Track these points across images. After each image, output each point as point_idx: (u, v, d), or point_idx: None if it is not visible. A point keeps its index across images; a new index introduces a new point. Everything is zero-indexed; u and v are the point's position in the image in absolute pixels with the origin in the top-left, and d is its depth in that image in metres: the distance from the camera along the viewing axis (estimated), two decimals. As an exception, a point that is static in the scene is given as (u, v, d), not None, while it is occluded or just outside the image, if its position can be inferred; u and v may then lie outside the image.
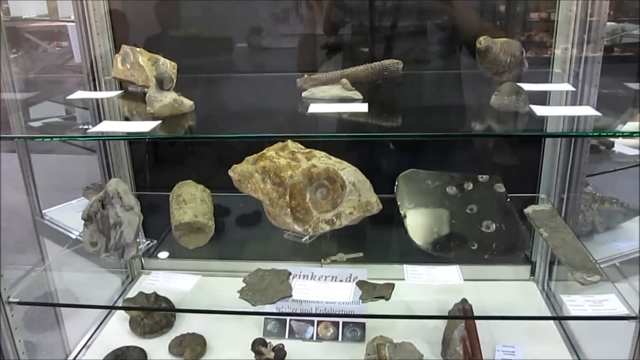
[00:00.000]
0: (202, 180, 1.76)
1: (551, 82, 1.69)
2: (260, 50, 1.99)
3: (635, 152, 2.11)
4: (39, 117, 1.99)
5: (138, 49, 1.60)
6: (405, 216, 1.58)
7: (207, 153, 1.99)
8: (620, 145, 2.04)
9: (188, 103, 1.38)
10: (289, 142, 1.58)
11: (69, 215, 2.37)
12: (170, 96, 1.35)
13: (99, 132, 1.28)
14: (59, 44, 5.25)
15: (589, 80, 1.65)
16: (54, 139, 1.28)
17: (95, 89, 1.76)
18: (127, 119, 1.51)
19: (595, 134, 1.32)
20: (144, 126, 1.27)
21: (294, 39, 2.01)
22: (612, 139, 2.00)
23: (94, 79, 1.80)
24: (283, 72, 1.88)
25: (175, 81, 1.48)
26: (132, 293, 1.88)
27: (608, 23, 1.80)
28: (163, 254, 1.75)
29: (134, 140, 1.90)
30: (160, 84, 1.34)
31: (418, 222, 1.56)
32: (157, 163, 2.09)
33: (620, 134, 1.43)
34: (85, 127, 1.43)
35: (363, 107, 1.35)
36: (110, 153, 1.91)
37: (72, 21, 1.90)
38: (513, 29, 2.12)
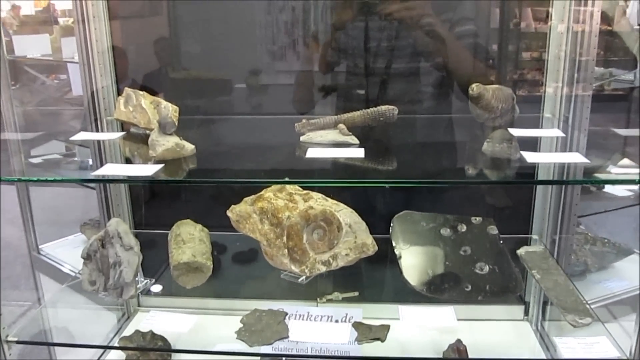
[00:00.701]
0: (200, 217, 1.79)
1: (542, 127, 1.74)
2: (259, 90, 2.04)
3: (626, 192, 2.16)
4: (39, 154, 2.03)
5: (141, 92, 1.64)
6: (400, 257, 1.61)
7: (206, 190, 2.02)
8: (616, 169, 2.07)
9: (189, 147, 1.41)
10: (287, 185, 1.62)
11: (65, 251, 2.39)
12: (172, 140, 1.38)
13: (103, 175, 1.31)
14: (57, 76, 5.33)
15: (578, 125, 1.70)
16: (57, 180, 1.30)
17: (97, 130, 1.80)
18: (128, 159, 1.55)
19: (583, 181, 1.36)
20: (147, 170, 1.30)
21: (290, 76, 2.06)
22: (606, 165, 2.03)
23: (95, 119, 1.84)
24: (281, 114, 1.93)
25: (176, 124, 1.53)
26: (128, 331, 1.88)
27: (596, 68, 1.87)
28: (157, 287, 1.76)
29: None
30: (163, 129, 1.37)
31: (413, 263, 1.58)
32: (156, 200, 2.12)
33: (609, 182, 1.47)
34: (88, 165, 1.46)
35: (359, 152, 1.39)
36: (110, 190, 1.94)
37: (76, 62, 1.96)
38: (505, 67, 2.19)
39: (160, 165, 1.33)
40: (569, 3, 1.71)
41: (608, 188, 2.14)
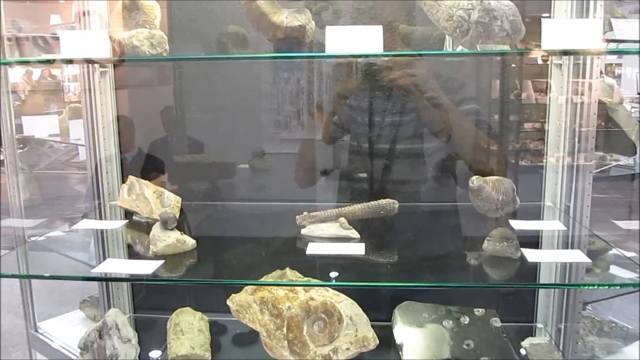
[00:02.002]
0: (201, 299, 1.77)
1: (542, 218, 1.74)
2: (262, 172, 2.06)
3: (632, 274, 2.13)
4: (41, 231, 2.03)
5: (144, 182, 1.66)
6: (401, 349, 1.58)
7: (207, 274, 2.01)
8: (617, 268, 2.06)
9: (190, 242, 1.42)
10: (287, 271, 1.61)
11: (64, 329, 2.35)
12: (173, 236, 1.39)
13: (103, 273, 1.31)
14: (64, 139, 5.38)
15: (580, 216, 1.70)
16: (57, 277, 1.30)
17: (100, 216, 1.81)
18: (130, 248, 1.55)
19: (584, 285, 1.35)
20: (147, 267, 1.31)
21: (295, 145, 2.09)
22: (607, 263, 2.02)
23: (99, 204, 1.86)
24: (284, 200, 1.93)
25: (178, 216, 1.54)
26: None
27: (596, 152, 1.89)
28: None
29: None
30: (164, 224, 1.38)
31: (414, 356, 1.55)
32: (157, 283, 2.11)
33: (609, 286, 1.46)
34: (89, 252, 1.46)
35: (360, 249, 1.39)
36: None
37: (82, 144, 1.99)
38: (507, 138, 2.20)
39: (161, 262, 1.33)
40: (567, 75, 1.74)
41: (614, 270, 2.11)
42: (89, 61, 1.67)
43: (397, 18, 1.82)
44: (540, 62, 2.11)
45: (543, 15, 1.90)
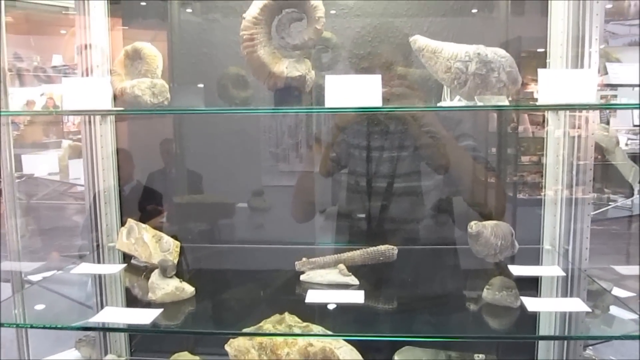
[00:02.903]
0: (198, 343, 1.76)
1: (541, 263, 1.74)
2: (261, 212, 2.07)
3: (633, 315, 2.12)
4: (38, 270, 2.02)
5: (143, 225, 1.66)
6: (401, 396, 1.57)
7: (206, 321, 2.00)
8: (616, 309, 2.05)
9: (189, 289, 1.41)
10: (286, 316, 1.60)
11: (59, 370, 2.32)
12: (172, 284, 1.39)
13: (101, 323, 1.31)
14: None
15: (579, 260, 1.70)
16: (53, 328, 1.30)
17: (99, 259, 1.81)
18: (129, 293, 1.55)
19: (584, 337, 1.34)
20: (146, 316, 1.30)
21: (293, 177, 2.09)
22: (607, 304, 2.02)
23: (97, 246, 1.86)
24: (283, 242, 1.93)
25: (177, 260, 1.55)
26: None
27: (594, 192, 1.89)
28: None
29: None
30: (163, 272, 1.38)
31: (415, 404, 1.54)
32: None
33: (609, 338, 1.46)
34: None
35: (359, 297, 1.39)
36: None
37: (81, 184, 2.00)
38: (505, 171, 2.21)
39: (160, 310, 1.33)
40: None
41: (614, 310, 2.10)
42: (93, 113, 1.69)
43: (395, 59, 1.85)
44: (536, 96, 2.14)
45: (539, 49, 1.93)
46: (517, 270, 1.58)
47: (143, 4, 2.10)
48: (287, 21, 1.39)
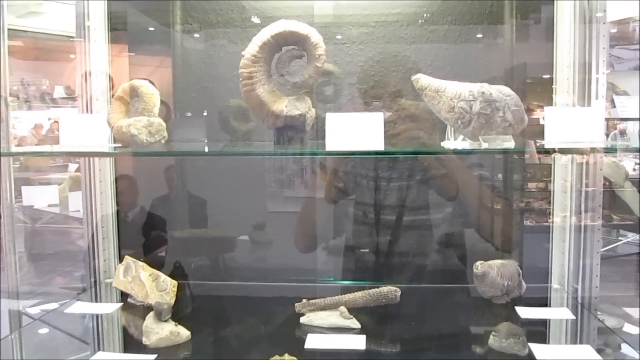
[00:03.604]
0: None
1: (550, 304, 1.69)
2: (263, 245, 2.03)
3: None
4: (37, 301, 1.98)
5: (140, 263, 1.62)
6: None
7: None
8: (628, 348, 2.00)
9: (184, 334, 1.37)
10: (286, 357, 1.55)
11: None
12: (167, 328, 1.34)
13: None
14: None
15: (588, 301, 1.65)
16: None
17: (95, 297, 1.77)
18: (124, 330, 1.51)
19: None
20: (139, 362, 1.26)
21: (297, 202, 2.05)
22: (618, 343, 1.96)
23: (95, 282, 1.83)
24: (284, 279, 1.88)
25: (174, 300, 1.51)
26: None
27: (603, 227, 1.84)
28: None
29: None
30: (158, 315, 1.34)
31: None
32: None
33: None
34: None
35: (361, 342, 1.34)
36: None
37: (80, 217, 1.97)
38: (512, 198, 2.16)
39: (153, 356, 1.28)
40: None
41: (625, 349, 2.04)
42: (88, 155, 1.67)
43: (400, 88, 1.81)
44: (542, 122, 2.10)
45: (544, 76, 1.90)
46: (524, 312, 1.53)
47: (151, 29, 2.09)
48: (287, 59, 1.36)
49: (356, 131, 1.36)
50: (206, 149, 1.75)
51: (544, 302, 1.69)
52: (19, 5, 2.47)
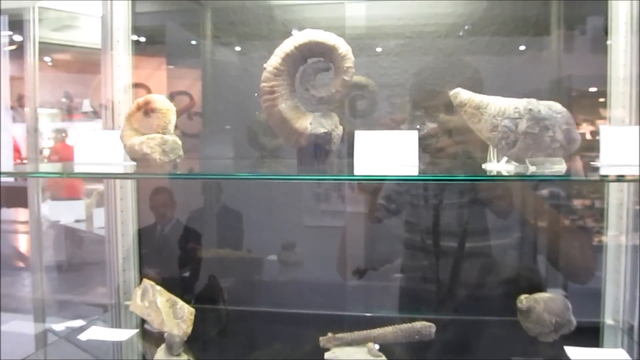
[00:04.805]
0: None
1: (603, 343, 1.52)
2: (291, 266, 1.92)
3: None
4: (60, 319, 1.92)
5: (158, 288, 1.54)
6: None
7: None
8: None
9: (198, 369, 1.27)
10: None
11: None
12: (179, 362, 1.25)
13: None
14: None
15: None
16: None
17: (113, 321, 1.70)
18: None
19: None
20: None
21: (334, 218, 1.94)
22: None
23: (116, 303, 1.76)
24: (310, 306, 1.77)
25: (190, 331, 1.41)
26: None
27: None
28: None
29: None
30: (169, 349, 1.25)
31: None
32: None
33: None
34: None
35: (389, 384, 1.22)
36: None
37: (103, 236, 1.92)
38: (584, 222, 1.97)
39: (164, 394, 1.19)
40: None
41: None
42: (102, 176, 1.61)
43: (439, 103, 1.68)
44: (589, 137, 1.95)
45: (590, 89, 1.82)
46: (575, 353, 1.37)
47: (193, 42, 2.03)
48: (312, 72, 1.25)
49: (388, 151, 1.24)
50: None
51: (596, 341, 1.53)
52: (53, 19, 2.46)
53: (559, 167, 1.16)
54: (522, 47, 1.78)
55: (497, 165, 1.24)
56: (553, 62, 1.78)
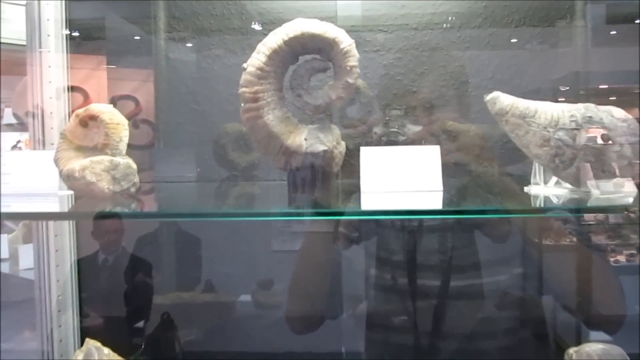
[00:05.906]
0: None
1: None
2: (267, 309, 1.62)
3: None
4: None
5: (106, 350, 1.20)
6: None
7: None
8: None
9: None
10: None
11: None
12: None
13: None
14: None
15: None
16: None
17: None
18: None
19: None
20: None
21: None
22: None
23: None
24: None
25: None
26: None
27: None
28: None
29: None
30: None
31: None
32: None
33: None
34: None
35: None
36: None
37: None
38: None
39: None
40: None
41: None
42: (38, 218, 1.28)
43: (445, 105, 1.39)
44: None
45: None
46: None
47: (137, 38, 1.71)
48: (307, 73, 0.96)
49: (403, 172, 0.97)
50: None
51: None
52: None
53: (629, 190, 0.91)
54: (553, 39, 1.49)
55: (547, 189, 0.97)
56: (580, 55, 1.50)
